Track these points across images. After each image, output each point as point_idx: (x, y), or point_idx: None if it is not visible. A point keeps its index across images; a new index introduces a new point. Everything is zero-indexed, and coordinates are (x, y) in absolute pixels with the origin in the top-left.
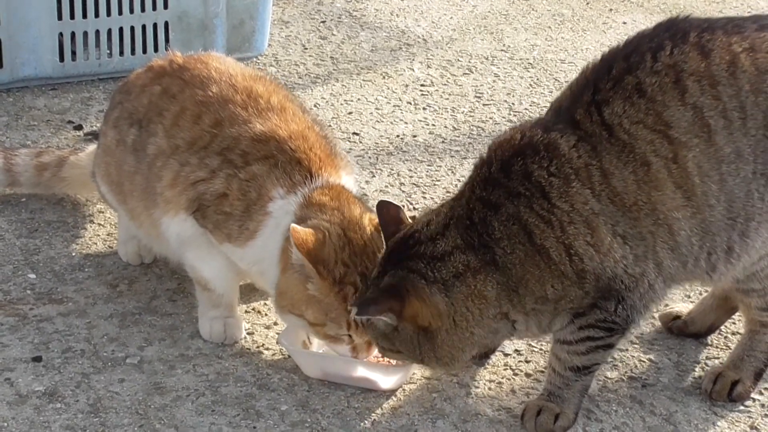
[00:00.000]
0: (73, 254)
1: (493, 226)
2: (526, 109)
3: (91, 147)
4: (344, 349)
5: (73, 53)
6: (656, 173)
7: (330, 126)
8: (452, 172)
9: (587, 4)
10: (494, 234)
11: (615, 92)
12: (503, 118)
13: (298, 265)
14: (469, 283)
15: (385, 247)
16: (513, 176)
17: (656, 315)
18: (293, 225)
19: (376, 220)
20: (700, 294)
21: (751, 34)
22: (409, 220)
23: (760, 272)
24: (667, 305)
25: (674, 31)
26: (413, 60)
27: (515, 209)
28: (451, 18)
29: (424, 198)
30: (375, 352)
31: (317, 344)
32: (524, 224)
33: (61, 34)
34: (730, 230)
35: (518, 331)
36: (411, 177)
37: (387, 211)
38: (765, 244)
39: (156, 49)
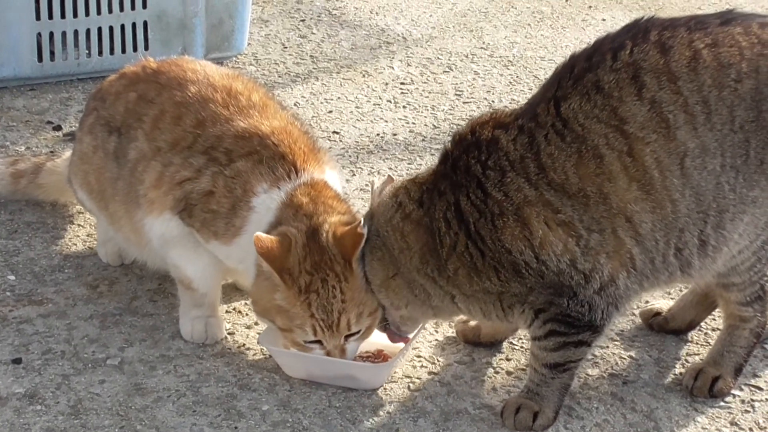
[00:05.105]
0: (53, 255)
1: (437, 208)
2: (506, 106)
3: (68, 152)
4: (319, 354)
5: (52, 53)
6: (609, 165)
7: (310, 125)
8: None
9: (566, 1)
10: (436, 215)
11: (574, 89)
12: None
13: (267, 272)
14: (406, 230)
15: None
16: (458, 171)
17: (637, 312)
18: (257, 233)
19: (342, 223)
20: (680, 291)
21: (714, 30)
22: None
23: (740, 266)
24: (647, 302)
25: (636, 31)
26: (393, 58)
27: (455, 198)
28: (431, 16)
29: None
30: (349, 355)
31: None
32: (461, 211)
33: (39, 35)
34: (701, 224)
35: (462, 312)
36: (391, 175)
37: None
38: (743, 236)
39: (135, 49)
